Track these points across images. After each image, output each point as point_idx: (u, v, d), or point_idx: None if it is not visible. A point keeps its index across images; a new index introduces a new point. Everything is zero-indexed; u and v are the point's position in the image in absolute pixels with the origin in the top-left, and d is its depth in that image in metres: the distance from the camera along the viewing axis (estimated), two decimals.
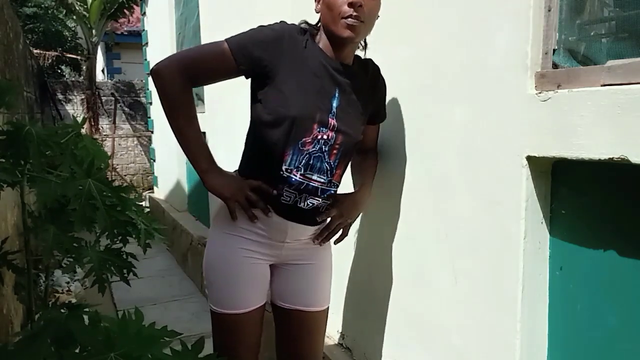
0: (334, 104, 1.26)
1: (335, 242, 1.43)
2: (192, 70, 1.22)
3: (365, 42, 1.37)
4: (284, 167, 1.24)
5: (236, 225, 1.30)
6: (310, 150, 1.24)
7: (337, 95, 1.26)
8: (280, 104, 1.22)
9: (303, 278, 1.40)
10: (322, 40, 1.27)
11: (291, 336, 1.43)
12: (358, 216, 1.42)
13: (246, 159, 1.35)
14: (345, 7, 1.17)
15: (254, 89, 1.29)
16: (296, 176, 1.25)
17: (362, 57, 1.38)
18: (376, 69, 1.39)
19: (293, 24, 1.28)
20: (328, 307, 1.46)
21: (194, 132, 1.25)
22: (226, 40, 1.22)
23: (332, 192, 1.32)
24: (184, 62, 1.22)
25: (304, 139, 1.23)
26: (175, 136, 1.26)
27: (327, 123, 1.24)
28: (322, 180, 1.28)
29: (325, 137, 1.25)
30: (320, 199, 1.30)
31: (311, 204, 1.29)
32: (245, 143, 1.34)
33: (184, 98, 1.23)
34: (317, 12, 1.27)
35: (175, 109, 1.23)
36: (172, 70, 1.21)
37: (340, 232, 1.41)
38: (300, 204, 1.28)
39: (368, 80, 1.36)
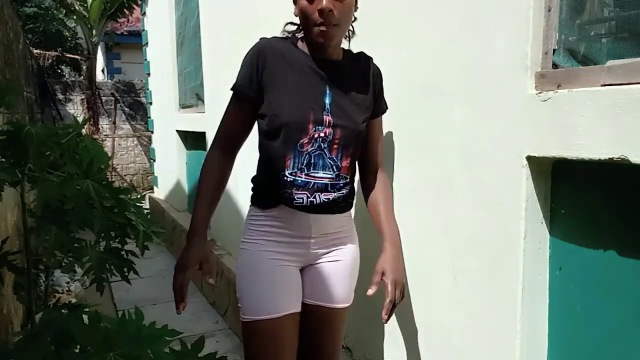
0: (327, 101, 1.28)
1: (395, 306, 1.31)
2: (228, 138, 1.36)
3: (352, 30, 1.38)
4: (287, 172, 1.28)
5: (259, 230, 1.35)
6: (309, 150, 1.27)
7: (327, 92, 1.29)
8: (273, 113, 1.27)
9: (327, 275, 1.40)
10: (306, 41, 1.31)
11: (312, 330, 1.43)
12: (404, 274, 1.35)
13: (258, 167, 1.41)
14: (317, 15, 1.20)
15: (257, 107, 1.34)
16: (301, 177, 1.28)
17: (349, 47, 1.39)
18: (368, 59, 1.40)
19: (274, 37, 1.34)
20: (349, 305, 1.45)
21: (203, 205, 1.33)
22: (231, 89, 1.33)
23: (343, 184, 1.33)
24: (219, 139, 1.37)
25: (301, 141, 1.26)
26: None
27: (322, 121, 1.27)
28: (330, 176, 1.30)
29: (322, 134, 1.27)
30: (333, 193, 1.31)
31: (326, 199, 1.30)
32: None
33: (213, 182, 1.34)
34: (296, 16, 1.30)
35: (202, 183, 1.34)
36: (213, 152, 1.36)
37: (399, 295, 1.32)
38: (315, 203, 1.30)
39: (360, 71, 1.36)
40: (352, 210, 1.44)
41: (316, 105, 1.27)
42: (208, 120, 3.54)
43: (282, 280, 1.35)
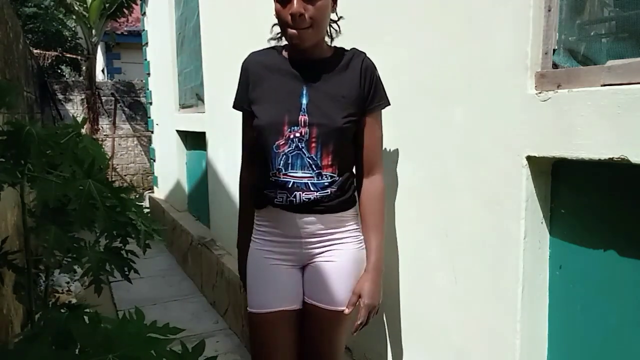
0: (304, 101, 1.31)
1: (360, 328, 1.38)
2: (249, 151, 1.48)
3: (336, 29, 1.40)
4: (270, 173, 1.34)
5: (258, 230, 1.45)
6: (286, 151, 1.31)
7: (304, 92, 1.32)
8: (257, 118, 1.35)
9: (322, 275, 1.40)
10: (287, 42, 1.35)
11: (309, 330, 1.44)
12: (380, 297, 1.40)
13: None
14: (289, 18, 1.23)
15: None
16: (281, 177, 1.33)
17: (331, 44, 1.40)
18: (360, 54, 1.37)
19: (261, 49, 1.42)
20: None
21: (241, 222, 1.53)
22: (235, 108, 1.46)
23: (328, 183, 1.33)
24: (243, 156, 1.51)
25: (277, 142, 1.31)
26: None
27: (298, 121, 1.30)
28: (309, 175, 1.32)
29: (298, 134, 1.30)
30: (315, 193, 1.32)
31: (307, 199, 1.32)
32: None
33: (246, 199, 1.52)
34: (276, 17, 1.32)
35: (239, 202, 1.54)
36: (241, 171, 1.53)
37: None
38: (295, 202, 1.32)
39: (346, 67, 1.35)
40: (353, 210, 1.43)
41: (293, 107, 1.31)
42: (208, 120, 3.54)
43: (272, 279, 1.40)
